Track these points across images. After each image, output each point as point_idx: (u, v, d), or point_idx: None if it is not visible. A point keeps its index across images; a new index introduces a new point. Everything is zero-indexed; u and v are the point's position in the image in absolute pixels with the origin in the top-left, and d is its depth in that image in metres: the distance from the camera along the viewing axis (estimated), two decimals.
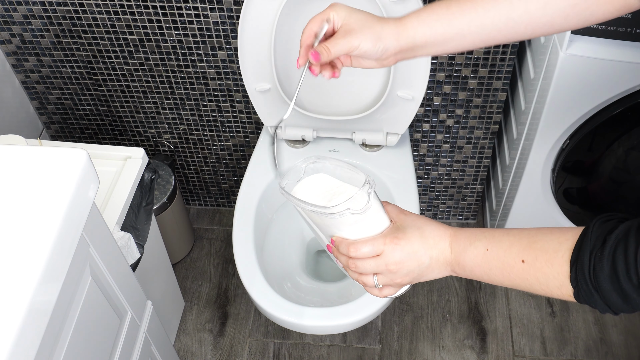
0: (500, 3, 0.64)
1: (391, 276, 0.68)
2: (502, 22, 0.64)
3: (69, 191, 0.70)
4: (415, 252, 0.67)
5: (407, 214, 0.71)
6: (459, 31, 0.66)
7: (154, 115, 1.59)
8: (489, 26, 0.65)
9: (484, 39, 0.66)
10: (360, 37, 0.67)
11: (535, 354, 1.57)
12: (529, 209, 1.47)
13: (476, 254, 0.65)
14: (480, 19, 0.65)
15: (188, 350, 1.61)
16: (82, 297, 0.79)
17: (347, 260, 0.69)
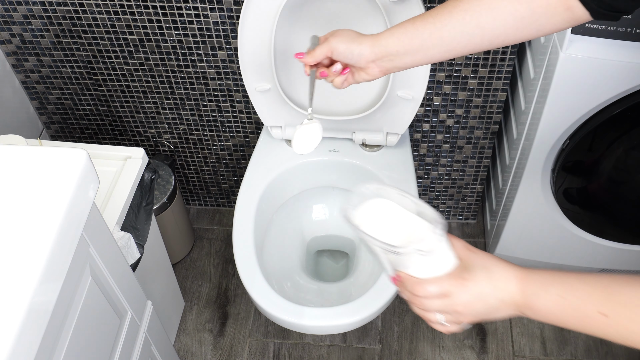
0: (454, 18, 0.71)
1: (457, 316, 0.67)
2: (458, 35, 0.72)
3: (69, 191, 0.70)
4: (483, 294, 0.66)
5: (475, 251, 0.70)
6: (422, 43, 0.75)
7: (154, 115, 1.59)
8: (447, 39, 0.73)
9: (447, 49, 0.75)
10: (337, 40, 0.81)
11: (535, 354, 1.57)
12: (529, 209, 1.47)
13: (550, 300, 0.64)
14: (439, 32, 0.73)
15: (188, 350, 1.61)
16: (82, 297, 0.79)
17: (413, 297, 0.68)
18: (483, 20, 0.69)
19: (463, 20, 0.71)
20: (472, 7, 0.70)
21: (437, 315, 0.68)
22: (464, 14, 0.71)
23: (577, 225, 1.47)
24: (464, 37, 0.72)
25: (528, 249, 1.60)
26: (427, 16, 0.74)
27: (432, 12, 0.74)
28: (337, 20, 1.18)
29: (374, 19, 1.16)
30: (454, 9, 0.72)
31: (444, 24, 0.72)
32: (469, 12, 0.70)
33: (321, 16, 1.18)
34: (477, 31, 0.70)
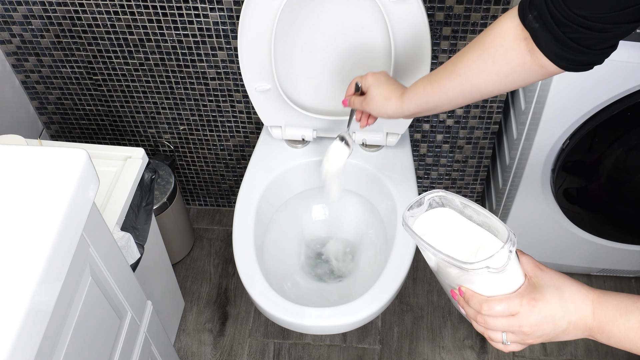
0: (454, 82, 0.87)
1: (523, 337, 0.65)
2: (459, 94, 0.88)
3: (69, 191, 0.70)
4: (553, 316, 0.64)
5: (544, 269, 0.68)
6: (435, 104, 0.93)
7: (154, 115, 1.59)
8: (451, 97, 0.89)
9: (454, 104, 0.91)
10: (370, 106, 1.04)
11: (535, 354, 1.57)
12: (529, 209, 1.47)
13: (629, 327, 0.62)
14: (445, 95, 0.90)
15: (188, 350, 1.61)
16: (82, 297, 0.79)
17: (477, 315, 0.66)
18: (475, 81, 0.84)
19: (461, 84, 0.86)
20: (465, 73, 0.85)
21: (502, 334, 0.66)
22: (460, 78, 0.86)
23: (577, 225, 1.47)
24: (464, 95, 0.87)
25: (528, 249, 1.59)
26: (433, 81, 0.91)
27: (436, 77, 0.90)
28: (337, 21, 1.18)
29: (374, 19, 1.16)
30: (452, 74, 0.87)
31: (448, 87, 0.88)
32: (464, 76, 0.85)
33: (321, 16, 1.18)
34: (473, 90, 0.86)
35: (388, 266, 1.18)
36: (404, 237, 1.22)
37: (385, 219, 1.34)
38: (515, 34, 0.77)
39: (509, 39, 0.77)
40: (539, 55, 0.75)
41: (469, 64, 0.84)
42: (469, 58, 0.84)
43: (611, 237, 1.49)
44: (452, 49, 1.35)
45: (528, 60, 0.76)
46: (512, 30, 0.77)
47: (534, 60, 0.76)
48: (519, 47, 0.76)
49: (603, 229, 1.47)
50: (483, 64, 0.82)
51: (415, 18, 1.14)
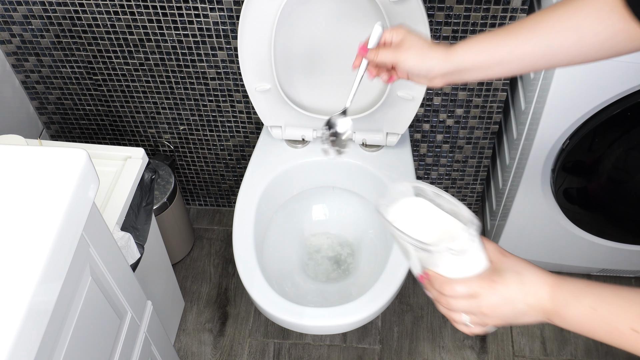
0: (538, 34, 0.71)
1: (483, 318, 0.67)
2: (541, 51, 0.71)
3: (69, 191, 0.70)
4: (512, 298, 0.66)
5: (507, 255, 0.69)
6: (502, 59, 0.74)
7: (154, 115, 1.59)
8: (529, 55, 0.72)
9: (528, 64, 0.74)
10: (407, 54, 0.78)
11: (535, 354, 1.57)
12: (529, 209, 1.47)
13: (581, 311, 0.63)
14: (521, 48, 0.72)
15: (188, 350, 1.61)
16: (82, 297, 0.79)
17: (439, 296, 0.68)
18: (567, 40, 0.69)
19: (547, 38, 0.70)
20: (556, 26, 0.70)
21: (463, 315, 0.68)
22: (549, 30, 0.70)
23: (577, 225, 1.47)
24: (533, 57, 0.72)
25: (528, 249, 1.60)
26: (506, 32, 0.74)
27: (512, 28, 0.74)
28: (337, 21, 1.18)
29: (374, 19, 1.16)
30: (537, 25, 0.71)
31: (528, 39, 0.72)
32: (554, 30, 0.70)
33: (321, 16, 1.18)
34: (546, 53, 0.70)
35: (388, 266, 1.18)
36: None
37: None
38: None
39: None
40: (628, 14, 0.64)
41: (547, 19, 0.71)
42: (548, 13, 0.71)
43: (611, 237, 1.49)
44: None
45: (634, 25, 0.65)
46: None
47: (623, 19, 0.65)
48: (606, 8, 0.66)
49: (603, 229, 1.47)
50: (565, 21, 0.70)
51: (415, 18, 1.14)
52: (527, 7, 1.25)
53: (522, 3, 1.25)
